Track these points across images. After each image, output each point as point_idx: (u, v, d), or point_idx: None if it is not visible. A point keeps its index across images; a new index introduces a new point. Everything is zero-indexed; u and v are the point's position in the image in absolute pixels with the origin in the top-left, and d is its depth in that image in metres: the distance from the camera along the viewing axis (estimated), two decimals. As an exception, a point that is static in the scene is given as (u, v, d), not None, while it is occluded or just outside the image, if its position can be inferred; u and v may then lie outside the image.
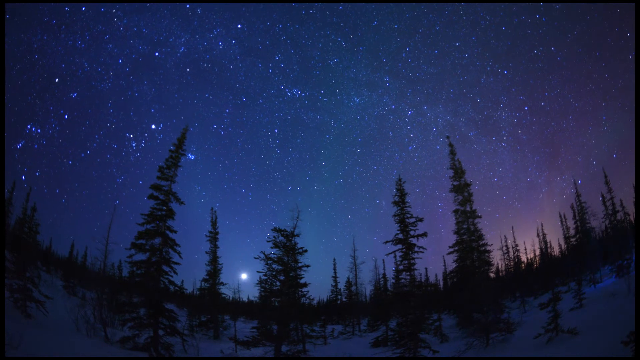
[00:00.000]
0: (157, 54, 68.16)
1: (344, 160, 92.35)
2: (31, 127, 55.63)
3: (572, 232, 30.87)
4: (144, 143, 65.73)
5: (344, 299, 35.77)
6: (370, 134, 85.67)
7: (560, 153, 67.92)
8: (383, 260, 38.60)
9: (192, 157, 70.76)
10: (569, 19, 57.49)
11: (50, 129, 59.17)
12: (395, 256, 18.08)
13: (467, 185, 19.09)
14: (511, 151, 73.26)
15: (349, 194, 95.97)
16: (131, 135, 67.75)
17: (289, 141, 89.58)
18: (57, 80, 58.26)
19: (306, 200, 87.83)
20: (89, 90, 64.76)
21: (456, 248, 19.83)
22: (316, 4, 67.62)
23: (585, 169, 59.11)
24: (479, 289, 16.66)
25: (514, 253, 34.91)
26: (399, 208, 14.51)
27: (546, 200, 64.15)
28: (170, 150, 14.60)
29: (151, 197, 13.90)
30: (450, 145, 19.65)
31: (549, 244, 35.30)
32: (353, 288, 33.95)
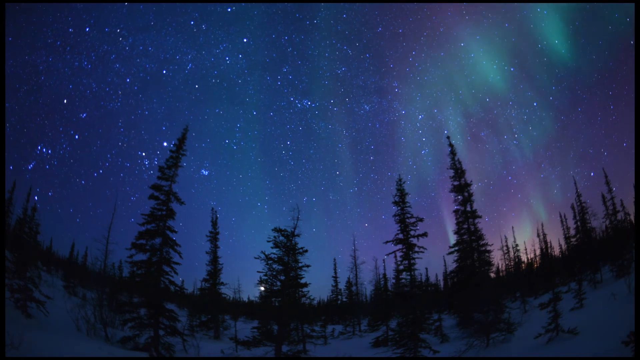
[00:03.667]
0: (164, 71, 68.73)
1: (357, 169, 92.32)
2: (42, 148, 56.10)
3: (572, 232, 30.87)
4: (156, 161, 65.99)
5: (344, 299, 35.78)
6: (382, 140, 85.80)
7: (572, 146, 68.18)
8: (383, 260, 38.59)
9: (206, 173, 71.05)
10: (569, 10, 57.52)
11: (62, 149, 59.73)
12: (395, 256, 18.11)
13: (467, 185, 19.11)
14: (523, 148, 73.43)
15: (364, 202, 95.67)
16: (143, 154, 68.12)
17: (302, 152, 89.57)
18: (65, 101, 58.73)
19: (322, 210, 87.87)
20: (98, 109, 65.28)
21: (456, 248, 19.85)
22: (320, 13, 67.81)
23: (597, 161, 59.50)
24: (479, 289, 16.67)
25: (514, 253, 34.94)
26: (399, 208, 14.51)
27: (561, 195, 64.17)
28: (171, 151, 14.61)
29: (152, 197, 13.91)
30: (451, 145, 19.68)
31: (549, 244, 35.33)
32: (353, 288, 33.99)
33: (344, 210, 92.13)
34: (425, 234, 14.00)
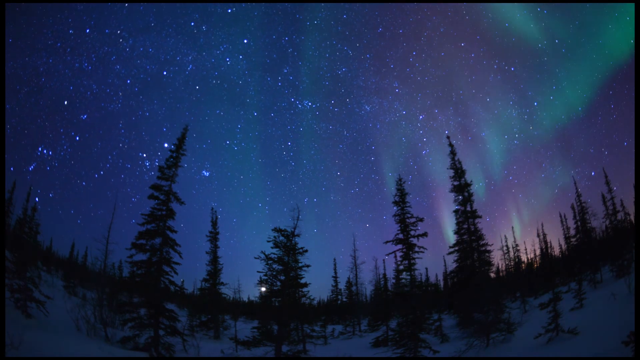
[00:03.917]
0: (165, 72, 68.83)
1: (358, 169, 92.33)
2: (42, 150, 56.06)
3: (572, 232, 30.86)
4: (157, 162, 65.88)
5: (344, 299, 35.79)
6: (383, 141, 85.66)
7: (572, 146, 68.32)
8: (383, 260, 38.66)
9: (207, 174, 70.98)
10: (569, 9, 57.57)
11: (62, 151, 59.72)
12: (395, 256, 18.10)
13: (467, 185, 19.09)
14: (524, 148, 73.56)
15: (365, 202, 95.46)
16: (144, 155, 68.16)
17: (303, 153, 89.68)
18: (66, 102, 58.79)
19: (323, 211, 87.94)
20: (98, 111, 65.35)
21: (456, 248, 19.84)
22: (320, 14, 67.79)
23: (598, 160, 59.71)
24: (479, 289, 16.66)
25: (514, 253, 34.94)
26: (399, 208, 14.50)
27: (562, 194, 64.25)
28: (171, 150, 14.60)
29: (151, 197, 13.90)
30: (451, 145, 19.66)
31: (549, 244, 35.32)
32: (353, 288, 34.00)
33: (345, 210, 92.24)
34: (425, 234, 14.00)
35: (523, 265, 36.18)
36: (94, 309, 14.25)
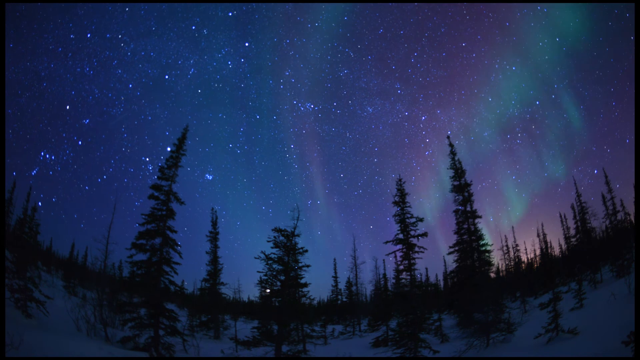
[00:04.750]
0: (167, 76, 68.83)
1: (362, 171, 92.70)
2: (45, 154, 55.96)
3: (572, 232, 30.86)
4: (160, 165, 65.73)
5: (344, 299, 35.80)
6: (386, 142, 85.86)
7: (575, 144, 68.43)
8: (383, 260, 38.69)
9: (210, 178, 70.70)
10: (569, 7, 57.64)
11: (65, 155, 59.69)
12: (395, 256, 18.09)
13: (467, 185, 19.09)
14: (526, 147, 73.66)
15: (369, 204, 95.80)
16: (147, 159, 68.22)
17: (306, 155, 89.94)
18: (67, 107, 58.78)
19: (326, 213, 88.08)
20: (101, 115, 65.32)
21: (456, 248, 19.83)
22: (321, 16, 67.86)
23: (600, 158, 59.88)
24: (479, 289, 16.66)
25: (514, 253, 34.93)
26: (399, 208, 14.50)
27: (565, 193, 64.44)
28: (171, 151, 14.60)
29: (151, 197, 13.90)
30: (451, 145, 19.66)
31: (549, 244, 35.32)
32: (353, 288, 34.02)
33: (349, 212, 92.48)
34: (425, 234, 13.99)
35: (523, 265, 36.19)
36: (94, 309, 14.24)
